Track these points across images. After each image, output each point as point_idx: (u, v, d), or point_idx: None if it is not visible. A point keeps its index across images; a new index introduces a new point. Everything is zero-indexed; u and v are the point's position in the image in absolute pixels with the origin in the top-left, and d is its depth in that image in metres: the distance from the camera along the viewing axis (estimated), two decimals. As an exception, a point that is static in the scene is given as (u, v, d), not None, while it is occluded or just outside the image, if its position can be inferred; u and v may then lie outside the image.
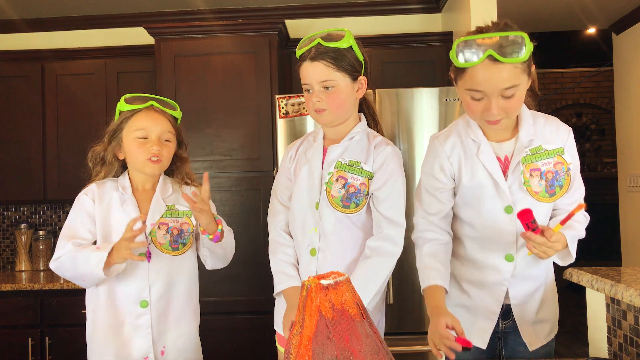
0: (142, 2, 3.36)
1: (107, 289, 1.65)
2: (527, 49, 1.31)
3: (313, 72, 1.57)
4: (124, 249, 1.52)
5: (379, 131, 1.74)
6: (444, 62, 3.16)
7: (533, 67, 1.40)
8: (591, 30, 4.24)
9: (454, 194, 1.56)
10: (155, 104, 1.70)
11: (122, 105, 1.70)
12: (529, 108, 1.53)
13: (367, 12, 3.47)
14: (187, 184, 1.78)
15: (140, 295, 1.64)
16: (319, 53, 1.57)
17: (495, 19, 2.75)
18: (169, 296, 1.68)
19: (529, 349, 1.52)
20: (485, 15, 2.76)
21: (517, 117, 1.49)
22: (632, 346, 1.31)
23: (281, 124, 2.72)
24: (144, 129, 1.66)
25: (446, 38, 3.17)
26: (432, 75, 3.14)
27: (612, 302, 1.41)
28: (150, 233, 1.66)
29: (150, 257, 1.65)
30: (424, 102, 2.66)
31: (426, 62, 3.17)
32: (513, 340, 1.56)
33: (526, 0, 3.20)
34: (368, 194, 1.60)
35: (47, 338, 2.86)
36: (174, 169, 1.78)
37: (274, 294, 1.67)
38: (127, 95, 1.72)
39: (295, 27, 3.41)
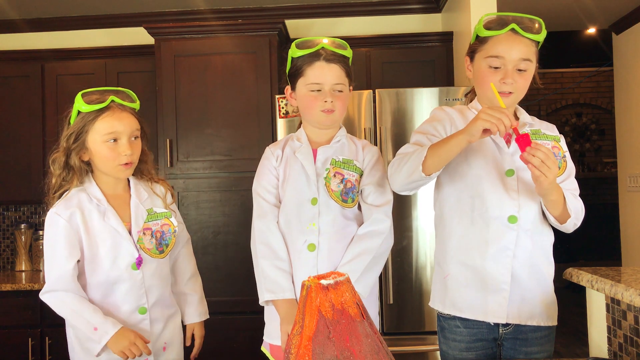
0: (142, 2, 3.36)
1: (101, 300, 1.62)
2: (543, 32, 1.52)
3: (329, 74, 1.62)
4: (128, 346, 1.54)
5: None
6: (444, 62, 3.17)
7: (537, 65, 1.56)
8: (591, 30, 4.24)
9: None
10: (117, 99, 1.60)
11: (81, 105, 1.58)
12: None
13: (367, 12, 3.47)
14: (155, 181, 1.75)
15: (139, 303, 1.64)
16: (334, 56, 1.63)
17: (495, 19, 2.76)
18: (163, 297, 1.71)
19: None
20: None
21: (515, 109, 1.62)
22: (632, 346, 1.32)
23: (281, 124, 2.72)
24: (114, 132, 1.58)
25: (446, 38, 3.17)
26: (432, 75, 3.14)
27: (612, 302, 1.41)
28: (138, 241, 1.64)
29: (140, 264, 1.63)
30: (424, 102, 2.66)
31: (426, 62, 3.17)
32: (512, 348, 1.56)
33: (526, 0, 3.20)
34: (359, 190, 1.67)
35: (47, 338, 2.86)
36: (138, 165, 1.71)
37: (262, 301, 1.64)
38: (83, 92, 1.60)
39: (295, 27, 3.41)
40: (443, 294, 1.60)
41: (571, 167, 1.58)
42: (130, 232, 1.64)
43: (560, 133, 1.62)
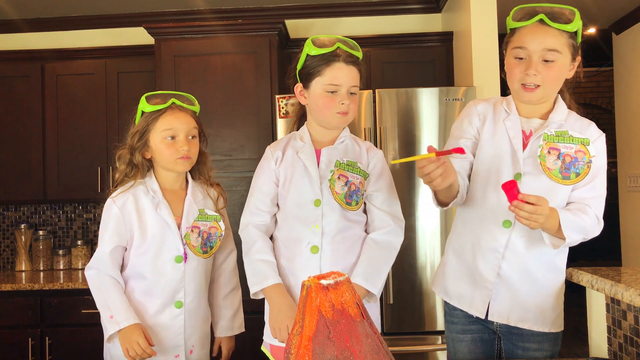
0: (142, 2, 3.36)
1: (143, 289, 1.70)
2: (576, 22, 1.46)
3: (348, 76, 1.60)
4: (130, 344, 1.58)
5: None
6: (444, 62, 3.16)
7: (579, 58, 1.52)
8: (591, 30, 4.24)
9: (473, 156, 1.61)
10: (177, 102, 1.72)
11: (144, 106, 1.71)
12: (569, 107, 1.59)
13: (367, 12, 3.47)
14: (210, 185, 1.83)
15: (176, 296, 1.70)
16: (352, 58, 1.61)
17: (495, 19, 2.75)
18: (200, 297, 1.76)
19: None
20: (485, 15, 2.76)
21: (554, 102, 1.56)
22: (632, 346, 1.32)
23: (281, 124, 2.72)
24: (172, 129, 1.69)
25: (446, 38, 3.17)
26: (432, 75, 3.14)
27: (612, 302, 1.41)
28: (185, 236, 1.71)
29: (186, 258, 1.71)
30: (424, 102, 2.66)
31: (426, 62, 3.17)
32: (510, 341, 1.57)
33: (526, 1, 3.20)
34: (364, 193, 1.65)
35: (47, 338, 2.86)
36: (197, 166, 1.80)
37: (252, 294, 1.63)
38: (148, 94, 1.72)
39: (295, 27, 3.41)
40: (441, 279, 1.68)
41: (595, 172, 1.48)
42: (179, 227, 1.71)
43: (601, 131, 1.54)
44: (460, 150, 1.36)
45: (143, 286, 1.70)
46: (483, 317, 1.55)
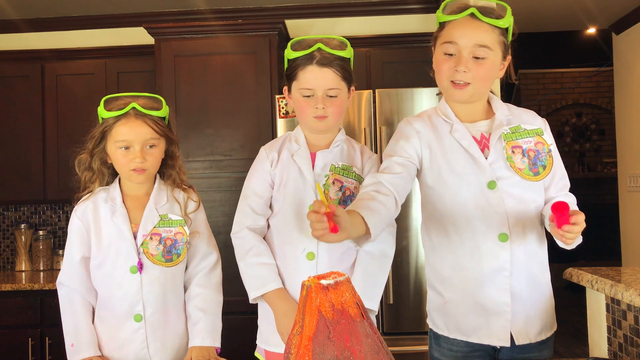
0: (142, 2, 3.36)
1: (102, 300, 1.62)
2: (507, 19, 1.42)
3: (322, 78, 1.54)
4: None
5: None
6: (444, 62, 3.17)
7: (510, 58, 1.47)
8: (591, 30, 4.24)
9: (414, 177, 1.50)
10: (137, 107, 1.58)
11: (102, 112, 1.60)
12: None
13: (367, 12, 3.47)
14: (178, 186, 1.69)
15: (134, 309, 1.58)
16: (328, 60, 1.55)
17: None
18: (165, 310, 1.62)
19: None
20: (485, 15, 2.75)
21: (489, 101, 1.52)
22: (632, 346, 1.32)
23: (281, 124, 2.72)
24: (126, 140, 1.57)
25: (446, 38, 3.17)
26: (432, 75, 3.14)
27: (612, 302, 1.41)
28: (142, 244, 1.59)
29: (142, 268, 1.59)
30: (424, 102, 2.66)
31: (426, 62, 3.15)
32: (510, 357, 1.47)
33: (525, 0, 3.20)
34: None
35: (47, 338, 2.86)
36: (164, 169, 1.68)
37: (251, 299, 1.61)
38: (107, 98, 1.61)
39: (295, 27, 3.41)
40: (446, 319, 1.51)
41: (557, 161, 1.46)
42: (136, 235, 1.60)
43: (543, 117, 1.51)
44: (334, 230, 1.21)
45: (102, 299, 1.61)
46: (509, 344, 1.42)
